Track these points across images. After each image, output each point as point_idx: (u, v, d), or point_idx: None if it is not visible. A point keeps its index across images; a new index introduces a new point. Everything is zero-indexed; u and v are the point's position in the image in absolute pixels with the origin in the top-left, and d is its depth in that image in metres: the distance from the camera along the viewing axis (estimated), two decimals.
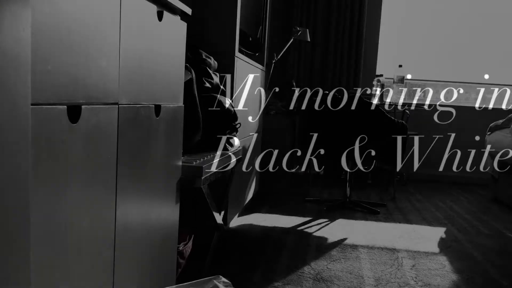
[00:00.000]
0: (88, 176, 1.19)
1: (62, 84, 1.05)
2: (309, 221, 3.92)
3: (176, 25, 1.83)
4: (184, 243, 2.40)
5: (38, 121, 0.97)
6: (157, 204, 1.74)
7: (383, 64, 6.46)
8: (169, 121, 1.81)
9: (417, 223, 4.03)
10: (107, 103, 1.27)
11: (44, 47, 0.98)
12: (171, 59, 1.79)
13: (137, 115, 1.49)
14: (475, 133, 6.35)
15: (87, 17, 1.14)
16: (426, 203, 4.92)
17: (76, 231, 1.15)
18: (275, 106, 5.07)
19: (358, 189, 5.43)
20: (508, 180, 4.85)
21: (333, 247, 3.28)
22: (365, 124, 4.06)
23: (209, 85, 2.64)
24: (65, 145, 1.08)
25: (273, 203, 4.49)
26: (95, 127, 1.21)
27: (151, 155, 1.64)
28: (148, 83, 1.57)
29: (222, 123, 2.67)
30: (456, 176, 6.46)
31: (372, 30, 6.35)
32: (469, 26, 6.43)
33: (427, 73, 6.54)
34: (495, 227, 4.06)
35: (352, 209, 4.45)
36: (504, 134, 4.91)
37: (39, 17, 0.96)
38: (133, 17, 1.42)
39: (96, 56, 1.19)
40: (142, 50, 1.50)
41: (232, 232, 3.49)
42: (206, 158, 2.34)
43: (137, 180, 1.52)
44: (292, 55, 6.23)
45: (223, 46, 3.11)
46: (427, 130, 6.40)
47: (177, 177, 1.98)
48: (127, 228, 1.47)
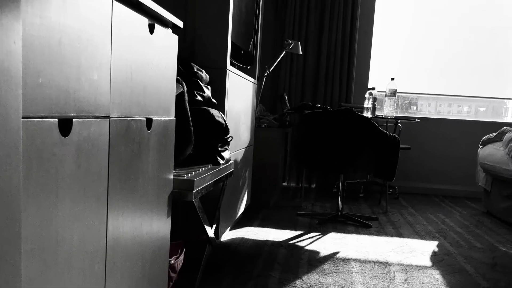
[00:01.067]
0: (79, 189, 1.19)
1: (53, 97, 1.04)
2: (301, 234, 3.91)
3: (167, 38, 1.83)
4: (175, 256, 2.39)
5: (29, 134, 0.96)
6: (149, 217, 1.73)
7: (375, 77, 6.48)
8: (161, 135, 1.81)
9: (409, 237, 4.03)
10: (98, 116, 1.27)
11: (35, 59, 0.97)
12: (162, 72, 1.79)
13: (128, 128, 1.48)
14: (467, 146, 6.37)
15: (78, 30, 1.13)
16: (418, 216, 4.92)
17: (67, 244, 1.14)
18: (267, 119, 5.07)
19: (350, 203, 5.43)
20: (500, 193, 4.86)
21: (325, 260, 3.27)
22: (358, 137, 4.06)
23: (200, 98, 2.64)
24: (56, 158, 1.07)
25: (264, 216, 4.48)
26: (86, 140, 1.20)
27: (143, 168, 1.63)
28: (139, 96, 1.56)
29: (214, 136, 2.66)
30: (448, 189, 6.47)
31: (364, 43, 6.38)
32: (460, 39, 6.45)
33: (419, 86, 6.56)
34: (488, 240, 4.07)
35: (344, 222, 4.44)
36: (496, 148, 4.93)
37: (30, 29, 0.95)
38: (124, 30, 1.41)
39: (87, 69, 1.19)
40: (133, 63, 1.50)
41: (224, 245, 3.48)
42: (198, 171, 2.33)
43: (128, 194, 1.52)
44: (284, 68, 6.24)
45: (214, 59, 3.11)
46: (419, 143, 6.42)
47: (168, 190, 1.97)
48: (118, 242, 1.47)
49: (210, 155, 2.66)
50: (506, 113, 6.74)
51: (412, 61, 6.53)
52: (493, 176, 4.99)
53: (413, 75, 6.54)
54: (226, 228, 3.48)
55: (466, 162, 6.41)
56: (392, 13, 6.47)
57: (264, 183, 4.86)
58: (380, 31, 6.48)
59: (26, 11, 0.94)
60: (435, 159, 6.47)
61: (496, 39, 6.43)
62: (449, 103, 6.77)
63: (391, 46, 6.52)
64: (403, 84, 6.45)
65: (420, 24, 6.48)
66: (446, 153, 6.45)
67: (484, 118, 6.62)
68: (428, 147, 6.46)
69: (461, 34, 6.45)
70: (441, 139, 6.44)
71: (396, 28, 6.50)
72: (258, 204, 4.87)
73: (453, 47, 6.48)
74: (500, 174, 4.70)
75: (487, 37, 6.44)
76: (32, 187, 0.99)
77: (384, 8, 6.45)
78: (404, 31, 6.50)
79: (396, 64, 6.52)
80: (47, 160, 1.04)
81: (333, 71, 6.25)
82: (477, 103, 6.69)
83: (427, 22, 6.47)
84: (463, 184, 6.45)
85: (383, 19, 6.47)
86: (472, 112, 6.72)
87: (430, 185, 6.51)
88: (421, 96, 6.69)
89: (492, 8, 6.41)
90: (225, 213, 3.36)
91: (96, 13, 1.22)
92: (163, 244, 1.96)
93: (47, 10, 1.01)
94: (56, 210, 1.08)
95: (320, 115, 4.13)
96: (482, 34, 6.44)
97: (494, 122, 6.41)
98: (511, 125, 6.20)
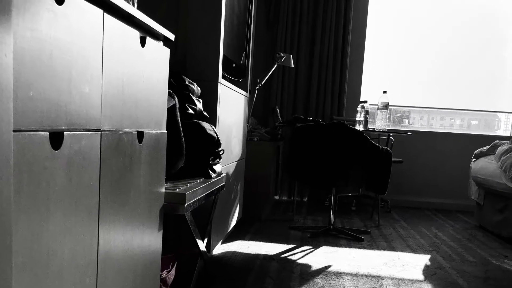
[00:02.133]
0: (71, 202, 1.18)
1: (44, 110, 1.04)
2: (293, 248, 3.90)
3: (159, 50, 1.83)
4: (167, 270, 2.38)
5: (20, 147, 0.96)
6: (140, 231, 1.72)
7: (367, 90, 6.50)
8: (152, 148, 1.80)
9: (401, 250, 4.03)
10: (89, 129, 1.26)
11: (26, 72, 0.97)
12: (154, 85, 1.79)
13: (119, 142, 1.48)
14: (460, 160, 6.38)
15: (70, 43, 1.13)
16: (411, 230, 4.92)
17: (59, 258, 1.14)
18: (258, 132, 5.07)
19: (342, 216, 5.42)
20: (493, 207, 4.87)
21: (317, 274, 3.26)
22: (350, 151, 4.06)
23: (192, 111, 2.63)
24: (47, 172, 1.06)
25: (256, 230, 4.47)
26: (77, 153, 1.20)
27: (134, 182, 1.63)
28: (130, 110, 1.56)
29: (205, 149, 2.66)
30: (441, 203, 6.48)
31: (356, 56, 6.40)
32: (453, 52, 6.48)
33: (412, 100, 6.57)
34: (480, 254, 4.07)
35: (336, 236, 4.44)
36: (489, 161, 4.94)
37: (21, 42, 0.95)
38: (115, 43, 1.41)
39: (78, 82, 1.18)
40: (124, 76, 1.49)
41: (216, 259, 3.47)
42: (190, 185, 2.33)
43: (119, 207, 1.51)
44: (275, 81, 6.25)
45: (206, 72, 3.11)
46: (411, 156, 6.43)
47: (160, 204, 1.97)
48: (110, 255, 1.46)
49: (201, 169, 2.66)
50: (498, 126, 6.76)
51: (404, 74, 6.55)
52: (485, 189, 5.00)
53: (405, 88, 6.56)
54: (217, 242, 3.47)
55: (458, 176, 6.42)
56: (384, 26, 6.49)
57: (256, 197, 4.86)
58: (372, 44, 6.50)
59: (17, 24, 0.93)
60: (428, 172, 6.48)
61: (488, 52, 6.47)
62: (442, 116, 6.79)
63: (383, 59, 6.54)
64: (395, 97, 6.46)
65: (413, 37, 6.51)
66: (438, 166, 6.46)
67: (476, 132, 6.65)
68: (421, 160, 6.47)
69: (453, 47, 6.48)
70: (433, 152, 6.45)
71: (388, 41, 6.52)
72: (250, 218, 4.86)
73: (445, 60, 6.51)
74: (493, 188, 4.71)
75: (479, 51, 6.47)
76: (23, 200, 0.98)
77: (376, 21, 6.48)
78: (396, 44, 6.52)
79: (388, 77, 6.54)
80: (38, 173, 1.03)
81: (325, 84, 6.26)
82: (469, 117, 6.71)
83: (419, 35, 6.49)
84: (455, 198, 6.46)
85: (375, 32, 6.49)
86: (465, 126, 6.74)
87: (422, 198, 6.51)
88: (413, 109, 6.71)
89: (484, 22, 6.45)
90: (217, 227, 3.35)
91: (87, 26, 1.22)
92: (154, 258, 1.95)
93: (38, 23, 1.00)
94: (47, 223, 1.08)
95: (312, 128, 4.13)
96: (474, 48, 6.47)
97: (486, 136, 6.43)
98: (504, 138, 6.21)
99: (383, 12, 6.48)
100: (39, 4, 1.01)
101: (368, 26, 6.40)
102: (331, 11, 6.15)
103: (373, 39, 6.50)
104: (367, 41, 6.42)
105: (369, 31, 6.44)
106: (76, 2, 1.15)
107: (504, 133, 6.66)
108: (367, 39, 6.42)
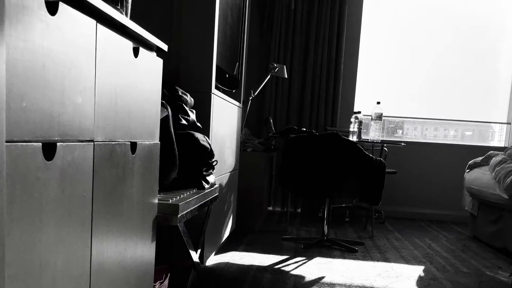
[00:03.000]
0: (64, 213, 1.18)
1: (37, 121, 1.04)
2: (286, 259, 3.89)
3: (152, 61, 1.83)
4: (160, 281, 2.37)
5: (12, 158, 0.95)
6: (133, 242, 1.71)
7: (361, 101, 6.50)
8: (145, 159, 1.80)
9: (395, 261, 4.03)
10: (82, 140, 1.26)
11: (19, 83, 0.97)
12: (147, 96, 1.78)
13: (112, 153, 1.47)
14: (454, 171, 6.39)
15: (63, 54, 1.13)
16: (405, 241, 4.92)
17: (51, 269, 1.13)
18: (252, 143, 5.07)
19: (336, 227, 5.42)
20: (487, 218, 4.87)
21: (310, 285, 3.25)
22: (343, 162, 4.06)
23: (185, 122, 2.63)
24: (40, 183, 1.06)
25: (250, 241, 4.46)
26: (70, 164, 1.19)
27: (127, 192, 1.62)
28: (123, 120, 1.56)
29: (199, 160, 2.66)
30: (435, 213, 6.48)
31: (350, 67, 6.41)
32: (447, 63, 6.50)
33: (405, 110, 6.59)
34: (474, 265, 4.07)
35: (329, 247, 4.43)
36: (483, 172, 4.94)
37: (14, 53, 0.95)
38: (109, 53, 1.41)
39: (71, 93, 1.18)
40: (117, 86, 1.49)
41: (209, 270, 3.45)
42: (183, 195, 2.32)
43: (112, 218, 1.50)
44: (269, 92, 6.25)
45: (199, 82, 3.11)
46: (405, 167, 6.43)
47: (153, 215, 1.96)
48: (103, 267, 1.45)
49: (195, 179, 2.65)
50: (492, 137, 6.78)
51: (398, 85, 6.56)
52: (479, 200, 5.00)
53: (399, 99, 6.57)
54: (211, 253, 3.46)
55: (452, 186, 6.43)
56: (378, 36, 6.51)
57: (249, 208, 4.85)
58: (366, 55, 6.51)
59: (9, 34, 0.93)
60: (421, 183, 6.48)
61: (482, 63, 6.49)
62: (435, 127, 6.80)
63: (377, 69, 6.55)
64: (389, 108, 6.47)
65: (406, 48, 6.52)
66: (432, 177, 6.47)
67: (470, 142, 6.66)
68: (414, 171, 6.47)
69: (447, 58, 6.50)
70: (427, 163, 6.46)
71: (382, 51, 6.54)
72: (243, 229, 4.85)
73: (439, 70, 6.52)
74: (487, 199, 4.72)
75: (473, 61, 6.49)
76: (16, 211, 0.98)
77: (370, 31, 6.49)
78: (390, 54, 6.54)
79: (382, 88, 6.55)
80: (31, 184, 1.03)
81: (319, 95, 6.26)
82: (463, 127, 6.73)
83: (413, 45, 6.51)
84: (449, 209, 6.46)
85: (369, 43, 6.51)
86: (459, 136, 6.76)
87: (416, 209, 6.51)
88: (407, 120, 6.72)
89: (478, 33, 6.48)
90: (210, 238, 3.34)
91: (80, 36, 1.22)
92: (147, 269, 1.94)
93: (31, 33, 1.00)
94: (40, 234, 1.07)
95: (306, 139, 4.13)
96: (468, 58, 6.49)
97: (480, 146, 6.44)
98: (498, 149, 6.22)
99: (377, 22, 6.50)
100: (32, 14, 1.01)
101: (361, 36, 6.42)
102: (325, 21, 6.17)
103: (367, 49, 6.51)
104: (360, 51, 6.43)
105: (363, 41, 6.45)
106: (69, 12, 1.15)
107: (498, 143, 6.68)
108: (360, 49, 6.43)
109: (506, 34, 6.46)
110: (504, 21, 6.45)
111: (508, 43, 6.46)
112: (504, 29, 6.46)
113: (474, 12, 6.46)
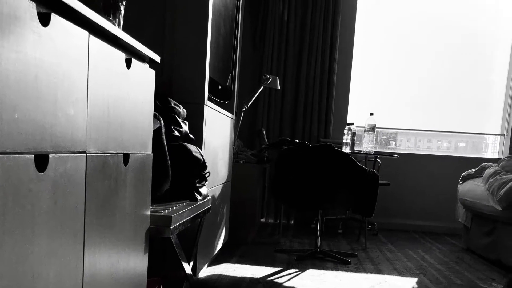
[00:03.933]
0: (56, 225, 1.17)
1: (29, 132, 1.03)
2: (279, 271, 3.88)
3: (144, 72, 1.83)
4: None
5: (4, 169, 0.95)
6: (126, 254, 1.71)
7: (354, 112, 6.51)
8: (138, 170, 1.79)
9: (388, 273, 4.02)
10: (74, 151, 1.26)
11: (11, 94, 0.96)
12: (139, 107, 1.78)
13: (105, 164, 1.47)
14: (447, 182, 6.39)
15: (55, 65, 1.13)
16: (398, 253, 4.91)
17: (44, 281, 1.12)
18: (245, 154, 5.07)
19: (329, 239, 5.41)
20: (480, 229, 4.87)
21: None
22: (336, 173, 4.06)
23: (178, 133, 2.63)
24: (32, 194, 1.06)
25: (242, 253, 4.45)
26: (62, 176, 1.19)
27: (120, 204, 1.61)
28: (116, 132, 1.55)
29: (191, 172, 2.65)
30: (428, 225, 6.48)
31: (343, 78, 6.41)
32: (440, 74, 6.52)
33: (399, 122, 6.60)
34: (468, 277, 4.06)
35: (322, 259, 4.42)
36: (476, 183, 4.95)
37: (6, 64, 0.95)
38: (101, 64, 1.41)
39: (63, 104, 1.18)
40: (110, 98, 1.49)
41: (202, 282, 3.44)
42: (175, 207, 2.32)
43: (105, 230, 1.50)
44: (262, 103, 6.25)
45: (192, 94, 3.11)
46: (398, 179, 6.43)
47: (145, 226, 1.95)
48: (95, 278, 1.44)
49: (187, 191, 2.65)
50: (486, 148, 6.80)
51: (391, 96, 6.57)
52: (473, 212, 5.00)
53: (392, 110, 6.58)
54: (203, 265, 3.45)
55: (446, 198, 6.43)
56: (371, 48, 6.53)
57: (242, 219, 4.84)
58: (359, 66, 6.52)
59: (2, 45, 0.93)
60: (415, 195, 6.48)
61: (475, 75, 6.51)
62: (429, 138, 6.81)
63: (370, 81, 6.57)
64: (382, 119, 6.48)
65: (400, 59, 6.54)
66: (425, 189, 6.47)
67: (464, 154, 6.67)
68: (408, 183, 6.47)
69: (440, 69, 6.52)
70: (420, 174, 6.46)
71: (375, 62, 6.55)
72: (236, 240, 4.83)
73: (432, 82, 6.54)
74: (480, 210, 4.72)
75: (466, 73, 6.51)
76: (8, 223, 0.97)
77: (363, 42, 6.51)
78: (383, 66, 6.55)
79: (375, 99, 6.56)
80: (23, 196, 1.02)
81: (312, 106, 6.26)
82: (457, 139, 6.74)
83: (407, 57, 6.53)
84: (442, 220, 6.46)
85: (362, 54, 6.52)
86: (452, 148, 6.77)
87: (409, 221, 6.51)
88: (400, 131, 6.73)
89: (471, 45, 6.51)
90: (203, 250, 3.33)
91: (72, 47, 1.22)
92: (140, 281, 1.93)
93: (23, 45, 1.00)
94: (32, 246, 1.07)
95: (299, 150, 4.13)
96: (461, 70, 6.51)
97: (474, 158, 6.45)
98: (491, 160, 6.24)
99: (370, 34, 6.52)
100: (24, 26, 1.00)
101: (355, 47, 6.43)
102: (318, 33, 6.18)
103: (360, 60, 6.52)
104: (354, 62, 6.44)
105: (356, 53, 6.46)
106: (61, 23, 1.15)
107: (492, 155, 6.69)
108: (353, 60, 6.44)
109: (500, 46, 6.49)
110: (498, 33, 6.48)
111: (501, 55, 6.49)
112: (498, 41, 6.49)
113: (468, 23, 6.49)
